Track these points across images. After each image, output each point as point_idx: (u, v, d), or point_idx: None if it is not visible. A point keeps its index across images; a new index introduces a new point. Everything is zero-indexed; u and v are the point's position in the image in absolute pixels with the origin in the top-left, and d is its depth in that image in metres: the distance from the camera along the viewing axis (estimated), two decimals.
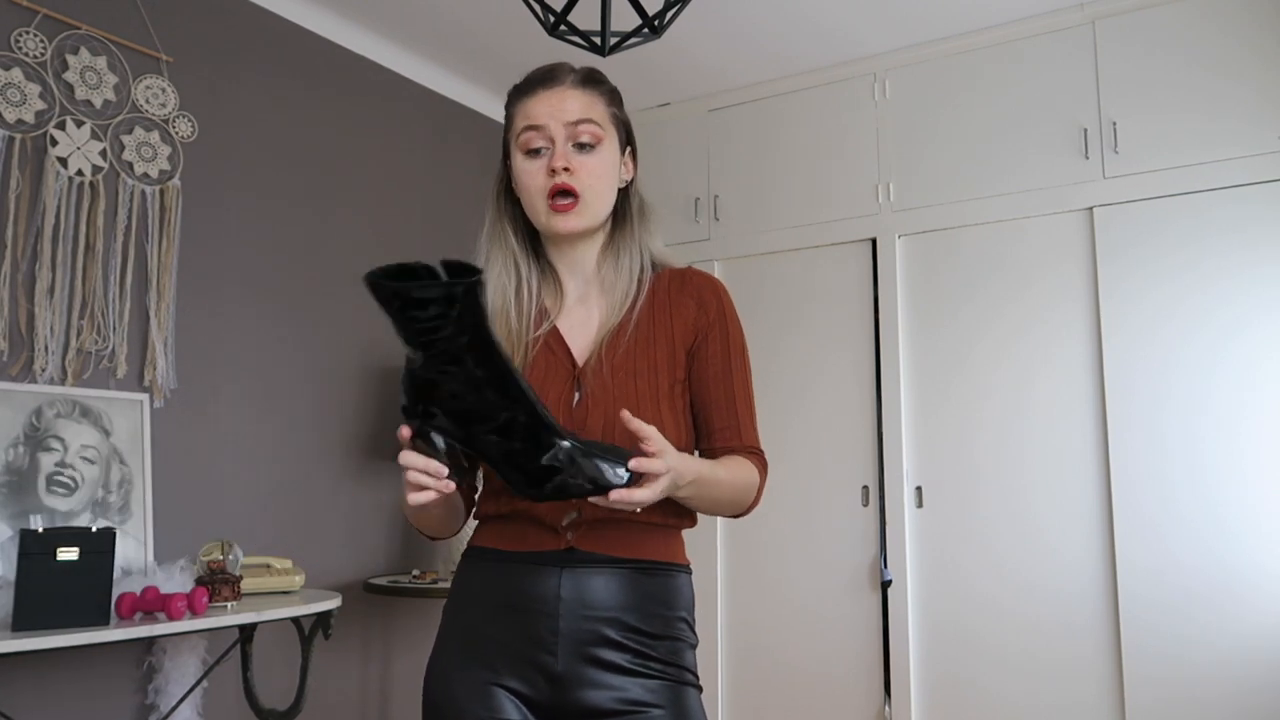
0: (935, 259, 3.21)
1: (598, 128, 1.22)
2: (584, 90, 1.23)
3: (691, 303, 1.26)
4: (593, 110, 1.23)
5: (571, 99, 1.22)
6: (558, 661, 1.13)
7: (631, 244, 1.28)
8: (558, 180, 1.19)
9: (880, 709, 3.11)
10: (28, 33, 2.34)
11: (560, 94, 1.22)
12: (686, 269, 1.31)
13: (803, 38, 3.25)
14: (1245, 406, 2.68)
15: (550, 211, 1.21)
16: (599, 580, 1.14)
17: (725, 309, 1.27)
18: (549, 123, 1.20)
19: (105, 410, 2.40)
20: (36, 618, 1.87)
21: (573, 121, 1.21)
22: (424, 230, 3.42)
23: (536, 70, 1.26)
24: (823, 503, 3.30)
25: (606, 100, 1.26)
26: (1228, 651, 2.63)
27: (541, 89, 1.22)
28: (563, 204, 1.20)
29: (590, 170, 1.21)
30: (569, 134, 1.20)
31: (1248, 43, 2.77)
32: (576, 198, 1.20)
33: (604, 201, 1.24)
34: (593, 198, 1.22)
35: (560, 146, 1.20)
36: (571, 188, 1.20)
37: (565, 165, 1.19)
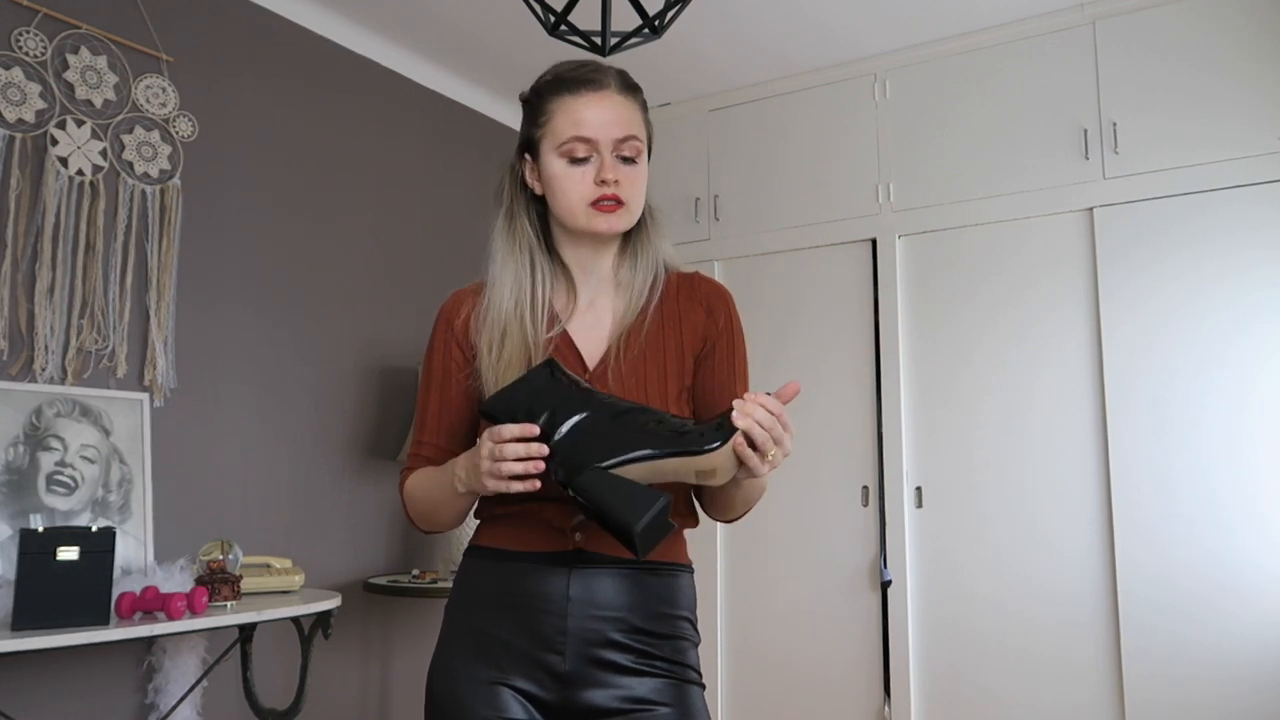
0: (935, 259, 3.21)
1: (640, 143, 1.23)
2: (627, 98, 1.24)
3: (700, 310, 1.27)
4: (635, 123, 1.23)
5: (619, 109, 1.21)
6: (565, 661, 1.13)
7: (648, 247, 1.29)
8: (607, 191, 1.20)
9: (880, 709, 3.11)
10: (28, 32, 2.34)
11: (608, 102, 1.21)
12: (694, 274, 1.32)
13: (803, 38, 3.25)
14: (1245, 406, 2.68)
15: (593, 212, 1.21)
16: (606, 581, 1.15)
17: (733, 319, 1.29)
18: (599, 137, 1.20)
19: (105, 410, 2.40)
20: (36, 617, 1.87)
21: (621, 138, 1.21)
22: (424, 230, 3.43)
23: (578, 67, 1.23)
24: (823, 503, 3.30)
25: (643, 108, 1.27)
26: (1228, 651, 2.63)
27: (588, 92, 1.21)
28: (608, 205, 1.21)
29: (633, 182, 1.23)
30: (616, 148, 1.20)
31: (1248, 44, 2.77)
32: (621, 204, 1.21)
33: (638, 207, 1.26)
34: (635, 206, 1.24)
35: (608, 159, 1.20)
36: (618, 197, 1.21)
37: (615, 177, 1.20)
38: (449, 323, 1.28)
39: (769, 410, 1.02)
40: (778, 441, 1.03)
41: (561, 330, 1.25)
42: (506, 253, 1.27)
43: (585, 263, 1.28)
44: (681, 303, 1.28)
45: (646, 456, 1.01)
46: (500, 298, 1.24)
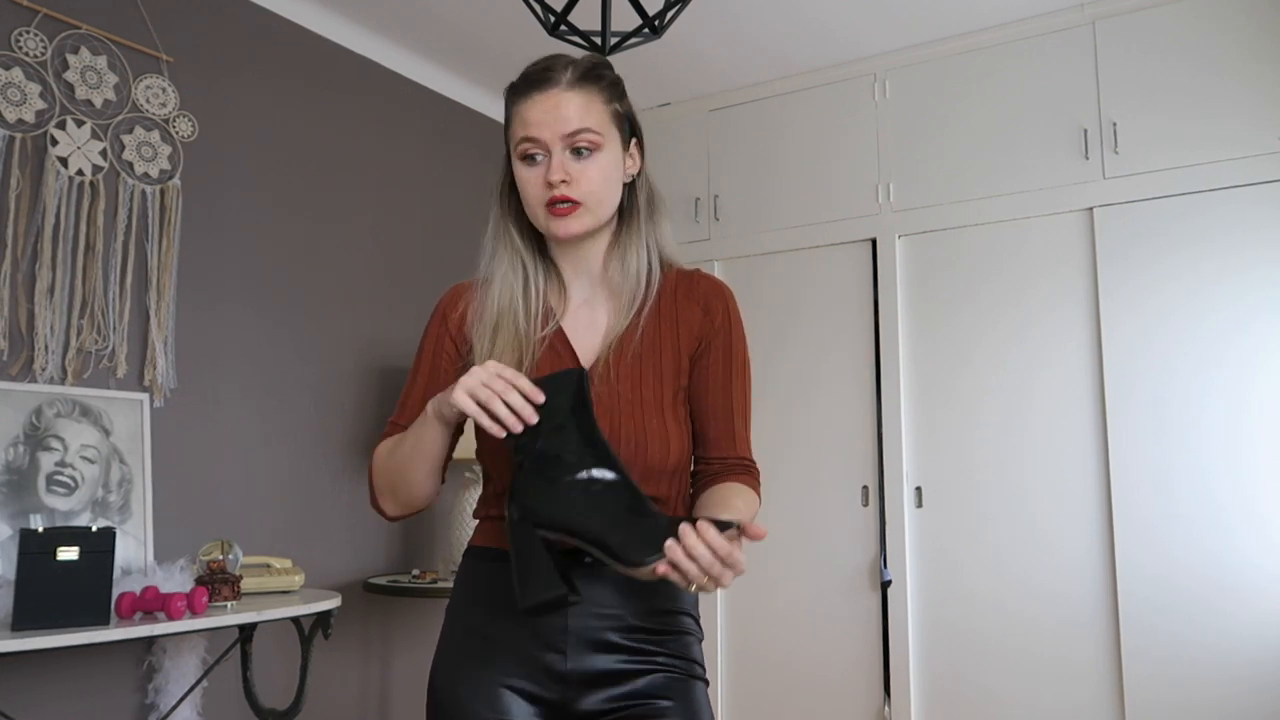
0: (935, 259, 3.21)
1: (595, 135, 1.18)
2: (580, 90, 1.18)
3: (698, 309, 1.24)
4: (589, 115, 1.18)
5: (567, 104, 1.17)
6: (566, 660, 1.13)
7: (638, 242, 1.25)
8: (555, 192, 1.16)
9: (880, 709, 3.11)
10: (28, 32, 2.34)
11: (555, 99, 1.17)
12: (694, 271, 1.29)
13: (803, 38, 3.25)
14: (1245, 407, 2.68)
15: (549, 216, 1.18)
16: (606, 579, 1.14)
17: (731, 317, 1.25)
18: (544, 135, 1.16)
19: (105, 410, 2.40)
20: (36, 617, 1.87)
21: (569, 133, 1.16)
22: (424, 230, 3.43)
23: (533, 67, 1.20)
24: (823, 503, 3.30)
25: (605, 97, 1.20)
26: (1227, 652, 2.63)
27: (537, 92, 1.17)
28: (562, 208, 1.17)
29: (589, 177, 1.18)
30: (566, 143, 1.16)
31: (1248, 44, 2.77)
32: (576, 204, 1.17)
33: (605, 205, 1.21)
34: (594, 203, 1.19)
35: (557, 156, 1.17)
36: (569, 196, 1.17)
37: (562, 177, 1.16)
38: (444, 316, 1.28)
39: (713, 551, 0.96)
40: (716, 579, 0.97)
41: (556, 327, 1.23)
42: (499, 251, 1.26)
43: (572, 260, 1.27)
44: (679, 301, 1.25)
45: (580, 538, 1.02)
46: (494, 294, 1.24)
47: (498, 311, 1.22)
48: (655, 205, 1.28)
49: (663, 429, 1.17)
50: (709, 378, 1.23)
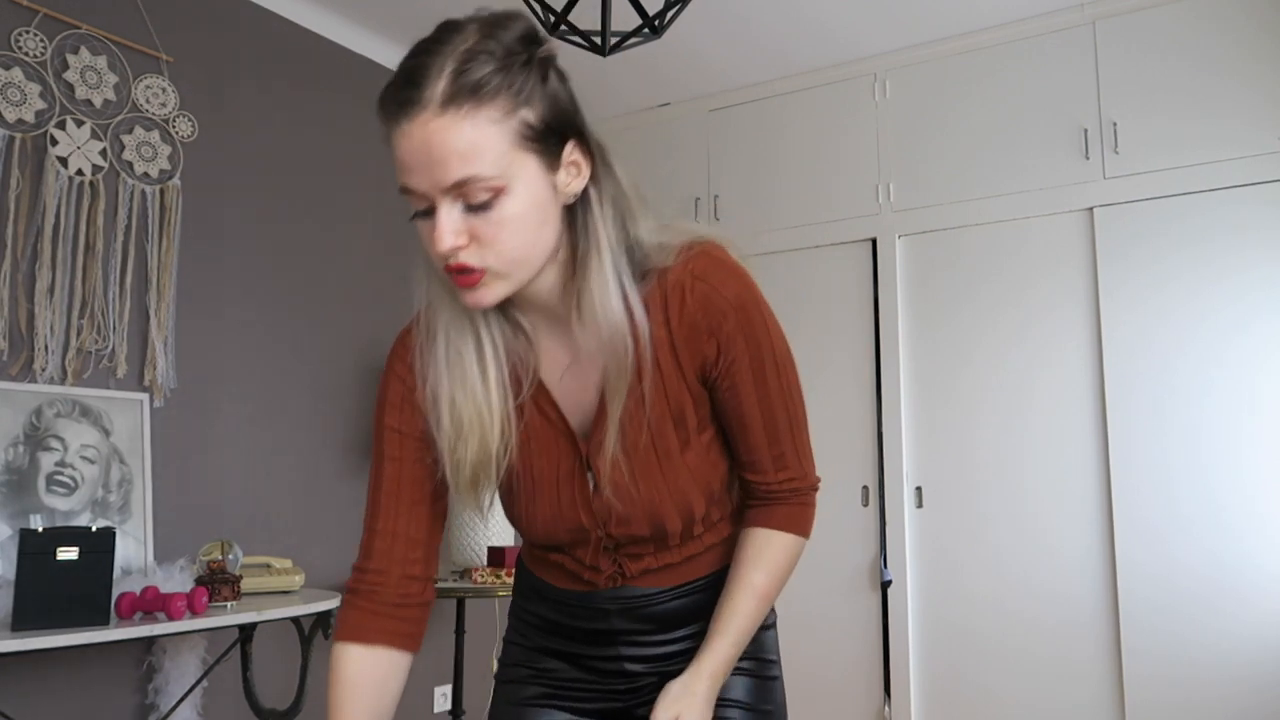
0: (935, 259, 3.21)
1: (489, 182, 0.84)
2: (457, 114, 0.82)
3: (701, 334, 0.98)
4: (475, 154, 0.83)
5: (440, 143, 0.82)
6: (634, 680, 1.10)
7: (600, 280, 0.92)
8: (450, 261, 0.87)
9: (880, 709, 3.11)
10: (28, 32, 2.34)
11: (424, 135, 0.82)
12: (683, 279, 0.97)
13: (803, 38, 3.25)
14: (1245, 407, 2.68)
15: (453, 284, 0.91)
16: (655, 610, 1.08)
17: (746, 320, 1.00)
18: (419, 184, 0.85)
19: (105, 410, 2.40)
20: (36, 617, 1.86)
21: (449, 185, 0.84)
22: None
23: (397, 75, 0.86)
24: (823, 503, 3.25)
25: (499, 112, 0.84)
26: (1228, 652, 2.63)
27: (402, 119, 0.84)
28: (464, 279, 0.88)
29: (491, 237, 0.86)
30: (452, 196, 0.85)
31: (1248, 44, 2.77)
32: (479, 273, 0.88)
33: (524, 264, 0.90)
34: (503, 267, 0.88)
35: (445, 212, 0.85)
36: (467, 265, 0.87)
37: (454, 243, 0.86)
38: (400, 376, 1.04)
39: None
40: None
41: (536, 383, 1.00)
42: (434, 292, 0.98)
43: (524, 307, 1.00)
44: (685, 329, 0.97)
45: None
46: (439, 357, 0.98)
47: (450, 385, 0.96)
48: (625, 211, 0.96)
49: (679, 491, 1.01)
50: (739, 401, 1.01)
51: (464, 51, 0.84)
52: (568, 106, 0.93)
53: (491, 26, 0.87)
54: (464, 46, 0.85)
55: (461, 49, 0.84)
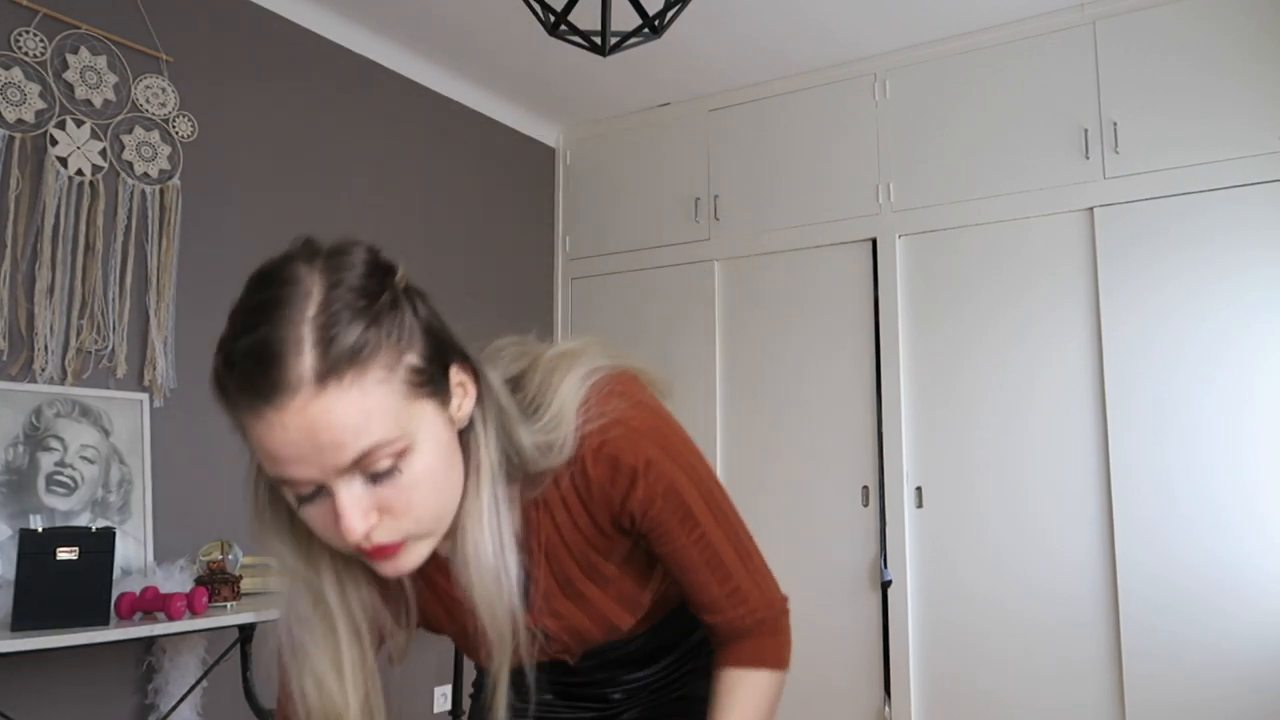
0: (935, 259, 3.21)
1: (393, 444, 0.73)
2: (341, 389, 0.69)
3: (620, 509, 0.87)
4: (372, 423, 0.71)
5: (329, 423, 0.69)
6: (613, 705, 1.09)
7: (475, 521, 0.82)
8: (365, 545, 0.75)
9: (880, 709, 3.11)
10: (28, 32, 2.34)
11: (304, 419, 0.69)
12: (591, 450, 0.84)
13: (803, 38, 3.25)
14: (1245, 407, 2.68)
15: (367, 559, 0.79)
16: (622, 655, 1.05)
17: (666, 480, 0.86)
18: (305, 474, 0.72)
19: (105, 410, 2.40)
20: (36, 618, 1.86)
21: (348, 464, 0.71)
22: (423, 230, 3.42)
23: (239, 352, 0.72)
24: (823, 503, 3.30)
25: (386, 369, 0.72)
26: (1228, 652, 2.63)
27: (269, 410, 0.69)
28: (381, 555, 0.77)
29: (404, 504, 0.75)
30: (353, 472, 0.73)
31: (1248, 43, 2.77)
32: (397, 548, 0.77)
33: (444, 516, 0.80)
34: (427, 529, 0.78)
35: (345, 493, 0.73)
36: (385, 546, 0.76)
37: (365, 526, 0.74)
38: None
39: None
40: None
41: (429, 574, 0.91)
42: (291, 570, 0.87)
43: None
44: (587, 509, 0.88)
45: None
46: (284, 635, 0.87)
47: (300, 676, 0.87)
48: (505, 422, 0.83)
49: (603, 617, 0.95)
50: (676, 552, 0.89)
51: (318, 312, 0.70)
52: (441, 329, 0.80)
53: (333, 270, 0.72)
54: (313, 305, 0.70)
55: (312, 310, 0.70)
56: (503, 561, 0.82)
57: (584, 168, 4.00)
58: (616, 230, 3.87)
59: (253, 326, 0.71)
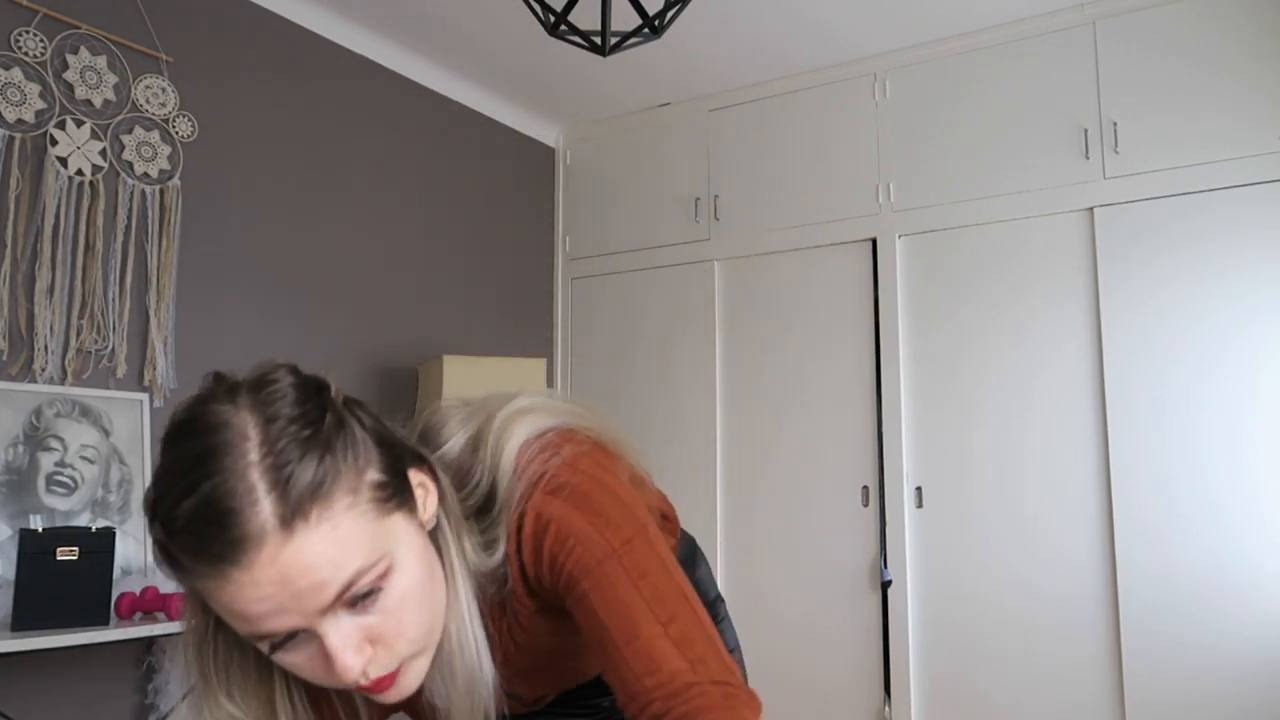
0: (935, 259, 3.21)
1: (373, 570, 0.69)
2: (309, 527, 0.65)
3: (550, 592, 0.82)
4: (349, 552, 0.67)
5: (305, 565, 0.65)
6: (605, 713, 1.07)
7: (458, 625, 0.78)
8: (362, 683, 0.71)
9: (880, 709, 3.11)
10: (28, 32, 2.34)
11: (276, 568, 0.64)
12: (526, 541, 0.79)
13: (803, 38, 3.25)
14: (1246, 407, 2.68)
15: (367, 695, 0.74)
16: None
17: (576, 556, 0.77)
18: (285, 623, 0.66)
19: (105, 410, 2.40)
20: (36, 618, 1.86)
21: (330, 602, 0.67)
22: (423, 230, 3.42)
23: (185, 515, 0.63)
24: (822, 503, 3.30)
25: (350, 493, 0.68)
26: (1228, 653, 2.63)
27: (233, 568, 0.63)
28: (380, 686, 0.72)
29: (395, 629, 0.71)
30: (336, 608, 0.68)
31: (1248, 43, 2.77)
32: (391, 679, 0.73)
33: (436, 628, 0.76)
34: (418, 646, 0.74)
35: (334, 632, 0.68)
36: (384, 677, 0.72)
37: (361, 663, 0.69)
38: None
39: None
40: None
41: None
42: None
43: None
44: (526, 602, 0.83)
45: None
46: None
47: None
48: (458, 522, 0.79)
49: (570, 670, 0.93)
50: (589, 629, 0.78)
51: (263, 455, 0.64)
52: (389, 435, 0.75)
53: (262, 404, 0.67)
54: (254, 448, 0.64)
55: (254, 454, 0.64)
56: (479, 661, 0.78)
57: (584, 168, 4.00)
58: (616, 230, 3.87)
59: (193, 487, 0.63)
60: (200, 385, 0.70)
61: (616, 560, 0.77)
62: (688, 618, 0.76)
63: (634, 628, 0.75)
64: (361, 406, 0.75)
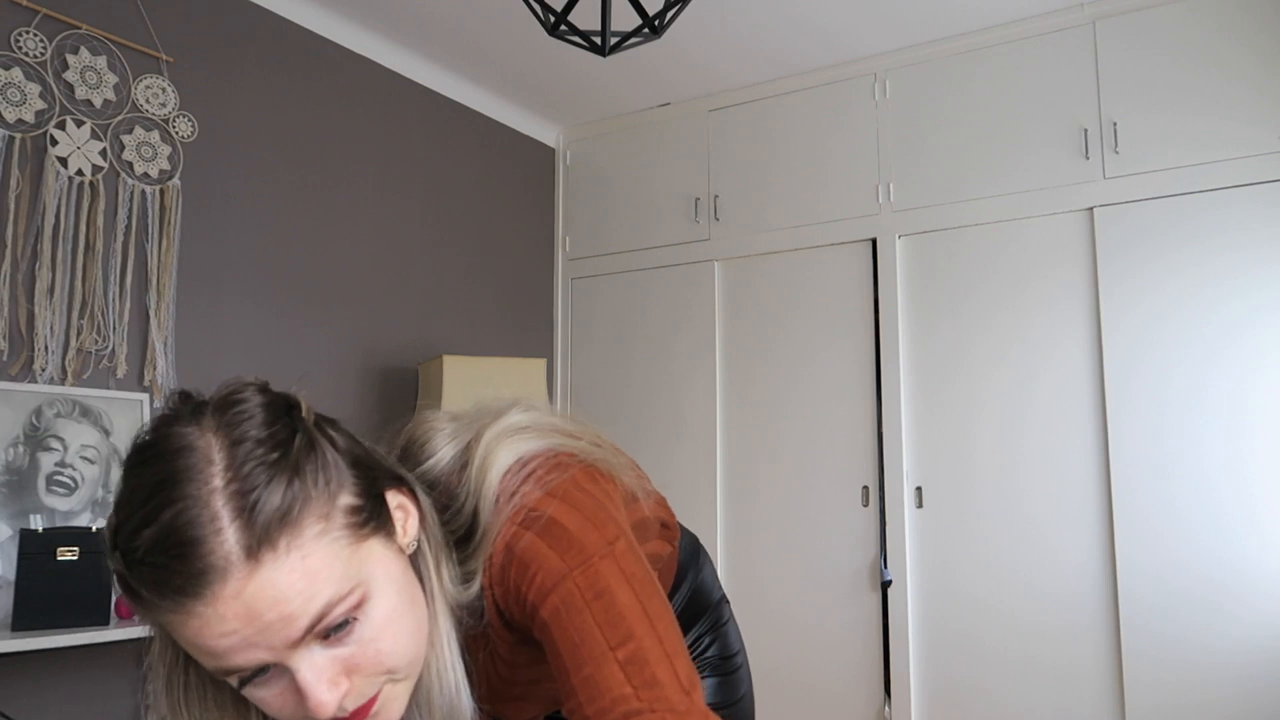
0: (935, 259, 3.21)
1: (346, 600, 0.65)
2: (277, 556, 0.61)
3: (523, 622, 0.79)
4: (320, 581, 0.63)
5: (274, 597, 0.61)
6: None
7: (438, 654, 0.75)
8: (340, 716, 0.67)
9: (880, 709, 3.11)
10: (28, 32, 2.34)
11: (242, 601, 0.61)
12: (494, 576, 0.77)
13: (803, 38, 3.25)
14: (1245, 406, 2.68)
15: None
16: None
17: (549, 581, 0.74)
18: (254, 657, 0.63)
19: (105, 410, 2.40)
20: (36, 618, 1.87)
21: (302, 633, 0.63)
22: (423, 230, 3.42)
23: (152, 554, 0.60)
24: (822, 503, 3.30)
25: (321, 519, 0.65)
26: (1228, 654, 2.63)
27: (196, 601, 0.60)
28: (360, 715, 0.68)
29: (373, 658, 0.67)
30: (309, 639, 0.64)
31: (1248, 43, 2.77)
32: (375, 696, 0.69)
33: (418, 656, 0.72)
34: (402, 674, 0.71)
35: (307, 666, 0.64)
36: (361, 709, 0.68)
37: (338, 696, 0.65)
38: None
39: None
40: None
41: None
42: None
43: None
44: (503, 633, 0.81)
45: None
46: None
47: None
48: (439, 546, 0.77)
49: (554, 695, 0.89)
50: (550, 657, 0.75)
51: (228, 480, 0.61)
52: (365, 455, 0.72)
53: (229, 425, 0.64)
54: (219, 473, 0.61)
55: (218, 480, 0.61)
56: (458, 694, 0.75)
57: (584, 167, 4.00)
58: (616, 230, 3.87)
59: (153, 515, 0.59)
60: (166, 404, 0.67)
61: (572, 582, 0.73)
62: (644, 637, 0.71)
63: (584, 654, 0.71)
64: (335, 426, 0.72)
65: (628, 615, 0.72)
